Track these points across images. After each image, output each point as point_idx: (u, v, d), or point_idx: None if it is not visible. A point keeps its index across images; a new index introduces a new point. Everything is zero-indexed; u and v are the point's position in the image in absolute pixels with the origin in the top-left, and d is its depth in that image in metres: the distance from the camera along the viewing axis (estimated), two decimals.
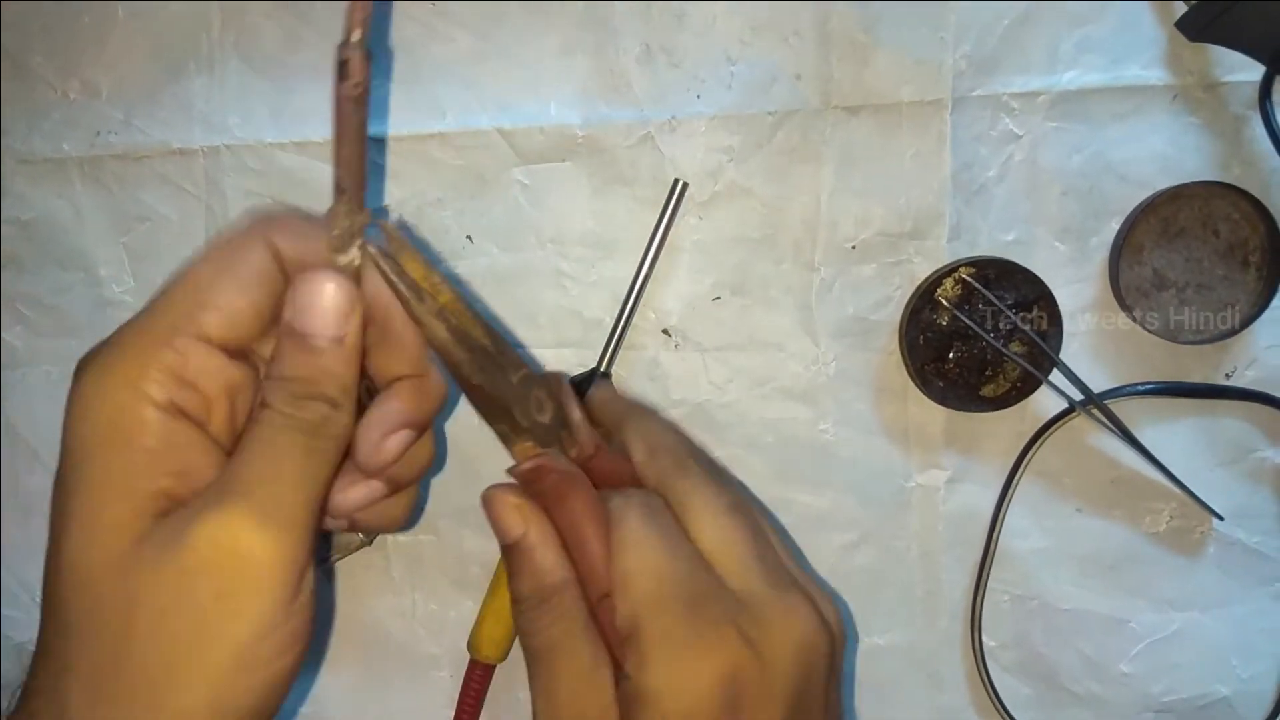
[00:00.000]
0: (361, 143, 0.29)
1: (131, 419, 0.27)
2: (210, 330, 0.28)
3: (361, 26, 0.28)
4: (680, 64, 0.44)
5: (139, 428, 0.27)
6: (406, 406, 0.32)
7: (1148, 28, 0.44)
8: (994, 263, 0.44)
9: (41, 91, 0.47)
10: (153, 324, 0.28)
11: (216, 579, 0.26)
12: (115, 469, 0.27)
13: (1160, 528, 0.46)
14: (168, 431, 0.27)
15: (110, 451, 0.27)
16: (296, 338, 0.28)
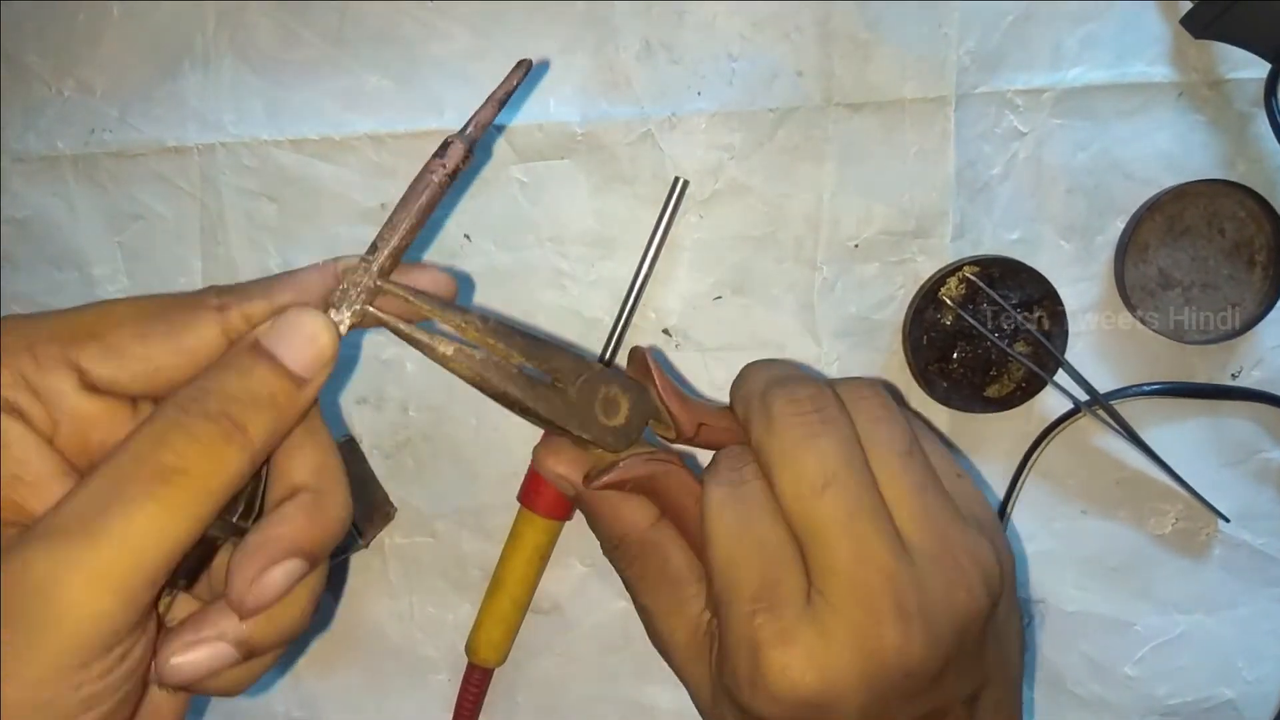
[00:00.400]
0: (421, 221, 0.28)
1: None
2: (86, 364, 0.26)
3: (480, 126, 0.29)
4: (681, 60, 0.44)
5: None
6: (298, 525, 0.26)
7: (1152, 24, 0.43)
8: (998, 261, 0.43)
9: (36, 89, 0.47)
10: (32, 325, 0.26)
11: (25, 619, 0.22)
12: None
13: (1166, 529, 0.46)
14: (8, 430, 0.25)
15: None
16: (252, 355, 0.25)
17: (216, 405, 0.24)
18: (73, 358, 0.26)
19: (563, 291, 0.46)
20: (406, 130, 0.45)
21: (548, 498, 0.44)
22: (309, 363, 0.26)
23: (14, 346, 0.25)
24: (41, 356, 0.25)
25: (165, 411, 0.24)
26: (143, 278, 0.47)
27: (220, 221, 0.46)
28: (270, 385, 0.25)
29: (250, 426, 0.25)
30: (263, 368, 0.25)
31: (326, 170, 0.45)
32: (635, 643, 0.48)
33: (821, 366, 0.45)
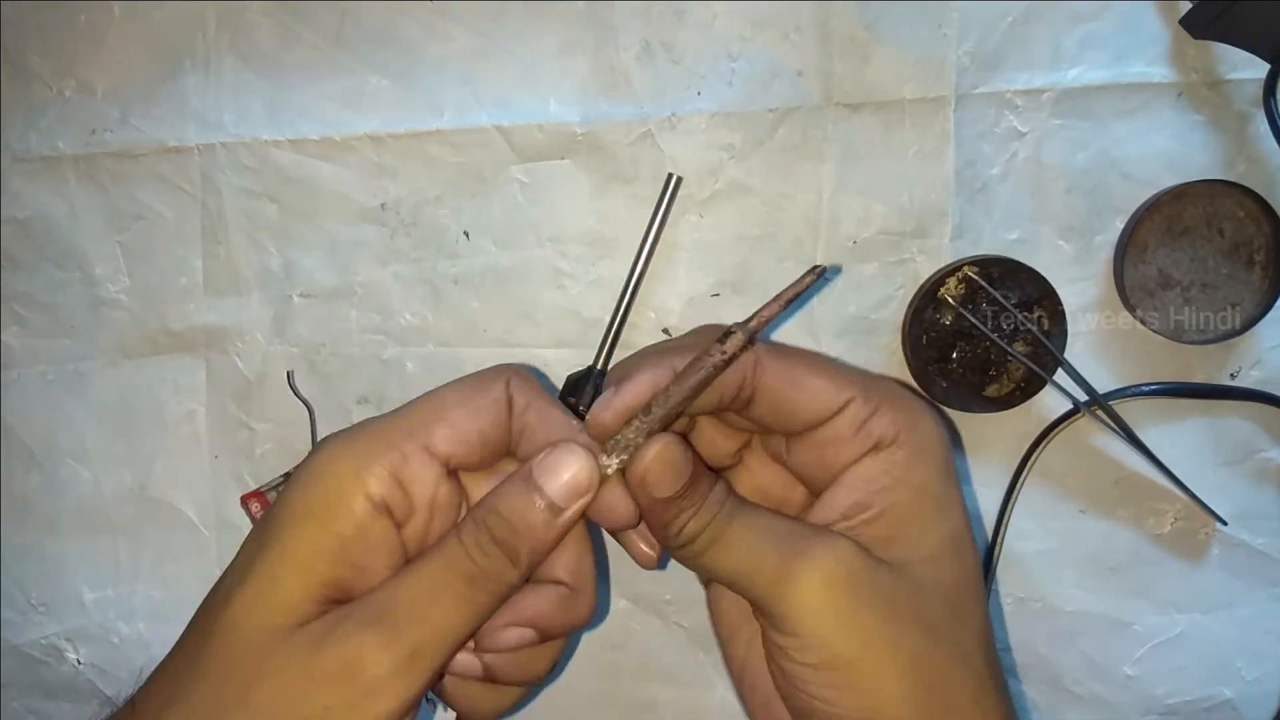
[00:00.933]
0: (692, 398, 0.30)
1: (342, 502, 0.29)
2: (437, 443, 0.30)
3: (762, 322, 0.31)
4: (680, 61, 0.44)
5: (344, 513, 0.29)
6: (544, 609, 0.32)
7: (1151, 25, 0.43)
8: (998, 261, 0.43)
9: (37, 90, 0.47)
10: (391, 424, 0.31)
11: (331, 693, 0.27)
12: (305, 542, 0.29)
13: (1164, 529, 0.46)
14: (367, 524, 0.29)
15: (309, 525, 0.29)
16: (525, 485, 0.30)
17: (500, 530, 0.30)
18: (431, 443, 0.30)
19: (562, 291, 0.46)
20: (407, 130, 0.45)
21: None
22: (567, 495, 0.30)
23: (384, 445, 0.30)
24: (407, 448, 0.30)
25: (467, 524, 0.30)
26: (143, 278, 0.47)
27: (221, 221, 0.46)
28: (535, 520, 0.30)
29: (522, 551, 0.30)
30: (531, 503, 0.30)
31: (327, 170, 0.46)
32: (636, 641, 0.48)
33: None
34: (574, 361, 0.46)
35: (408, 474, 0.30)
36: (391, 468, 0.30)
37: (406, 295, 0.46)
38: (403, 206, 0.46)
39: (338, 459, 0.30)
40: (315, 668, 0.27)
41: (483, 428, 0.31)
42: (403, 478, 0.30)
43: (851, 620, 0.28)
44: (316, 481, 0.30)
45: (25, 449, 0.49)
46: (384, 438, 0.30)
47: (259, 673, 0.28)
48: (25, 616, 0.50)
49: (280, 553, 0.29)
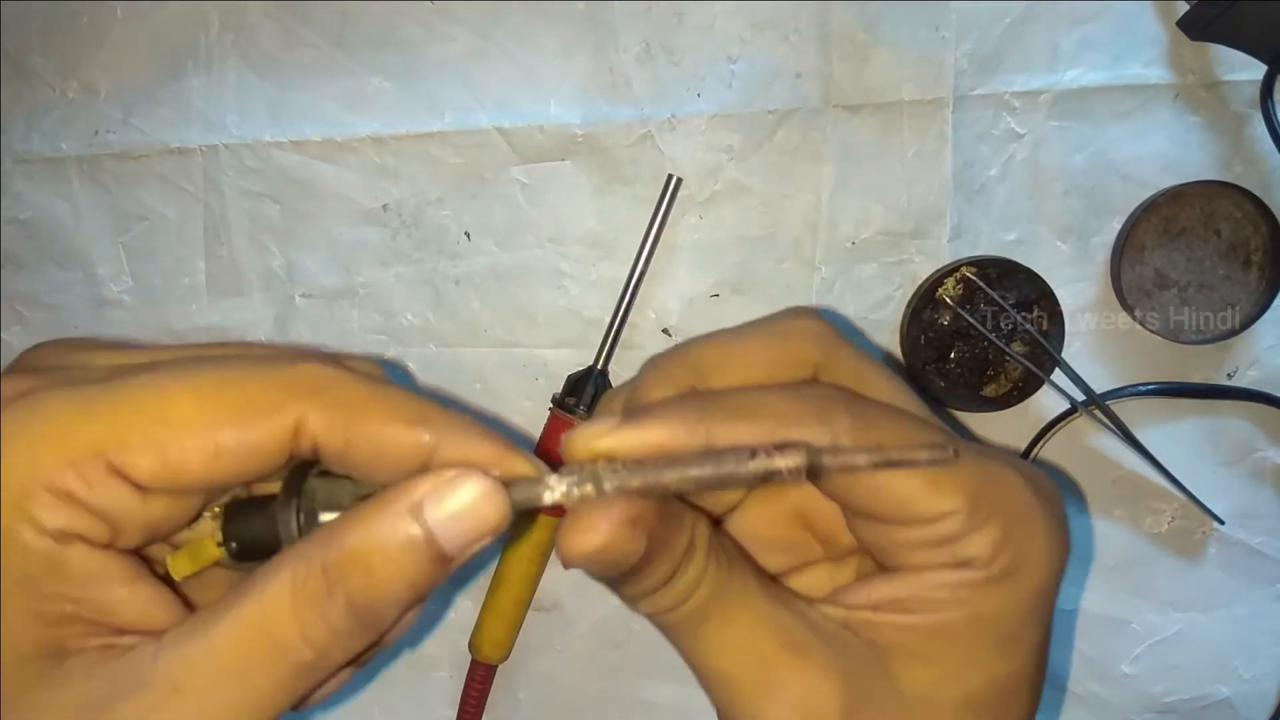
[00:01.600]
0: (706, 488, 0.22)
1: (15, 548, 0.21)
2: (141, 477, 0.22)
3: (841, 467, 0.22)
4: (680, 62, 0.44)
5: (26, 558, 0.21)
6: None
7: (1149, 26, 0.44)
8: (995, 262, 0.43)
9: (40, 90, 0.47)
10: (74, 430, 0.21)
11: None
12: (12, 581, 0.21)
13: (1162, 528, 0.46)
14: (64, 559, 0.21)
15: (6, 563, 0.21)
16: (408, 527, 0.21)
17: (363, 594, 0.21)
18: (122, 469, 0.21)
19: (563, 292, 0.46)
20: (408, 132, 0.45)
21: None
22: (466, 543, 0.21)
23: (47, 462, 0.21)
24: (85, 470, 0.21)
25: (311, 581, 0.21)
26: (146, 278, 0.47)
27: (223, 222, 0.46)
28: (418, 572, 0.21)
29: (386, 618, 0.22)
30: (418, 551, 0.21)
31: (329, 171, 0.46)
32: (636, 639, 0.48)
33: None
34: (574, 362, 0.46)
35: (94, 502, 0.21)
36: (65, 495, 0.21)
37: (408, 296, 0.46)
38: (404, 207, 0.46)
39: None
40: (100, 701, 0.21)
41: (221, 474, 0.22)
42: (85, 502, 0.21)
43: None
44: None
45: None
46: (52, 452, 0.21)
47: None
48: None
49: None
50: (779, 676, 0.23)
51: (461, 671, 0.46)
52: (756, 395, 0.24)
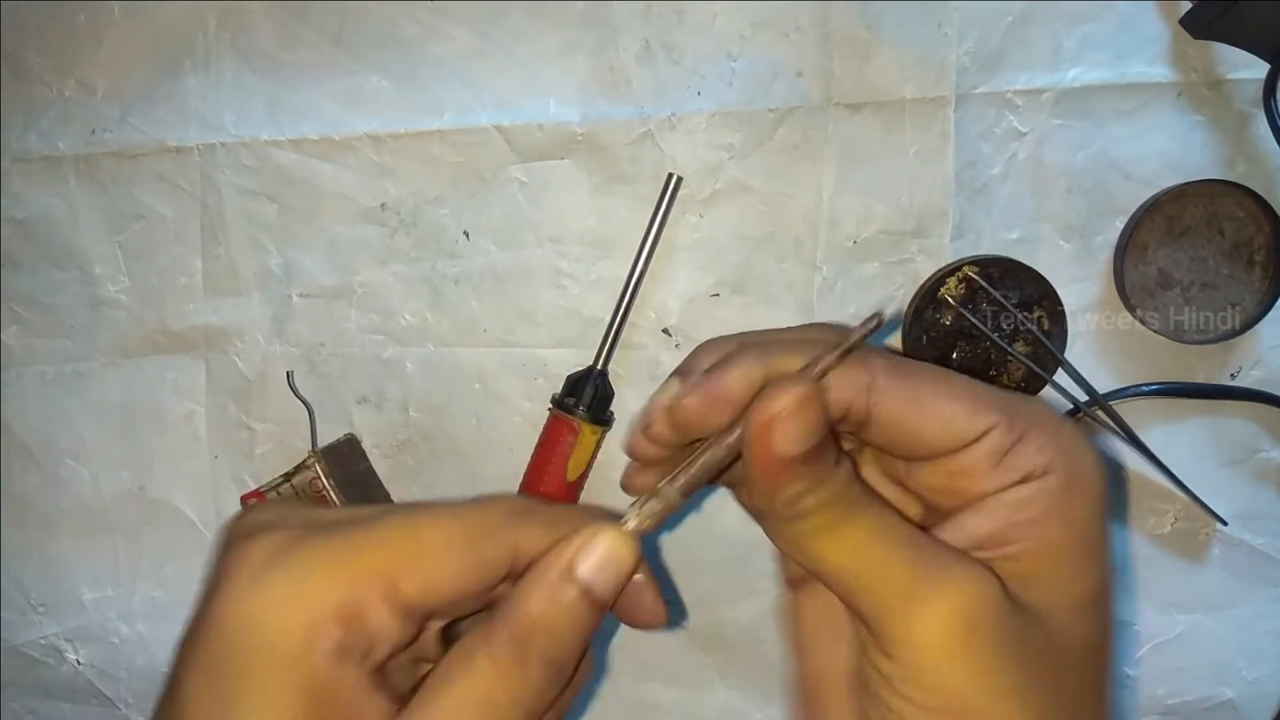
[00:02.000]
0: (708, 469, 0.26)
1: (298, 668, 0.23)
2: (410, 593, 0.24)
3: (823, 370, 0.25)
4: (680, 61, 0.44)
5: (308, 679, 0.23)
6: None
7: (1151, 25, 0.43)
8: (998, 261, 0.43)
9: (37, 90, 0.47)
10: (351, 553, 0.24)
11: None
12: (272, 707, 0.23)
13: (1165, 529, 0.46)
14: (336, 679, 0.23)
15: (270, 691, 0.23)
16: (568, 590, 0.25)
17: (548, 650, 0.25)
18: (398, 590, 0.24)
19: (562, 291, 0.46)
20: (407, 130, 0.45)
21: (547, 495, 0.44)
22: (614, 589, 0.26)
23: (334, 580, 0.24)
24: (363, 591, 0.24)
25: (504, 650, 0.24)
26: (143, 278, 0.47)
27: (221, 221, 0.46)
28: (585, 623, 0.25)
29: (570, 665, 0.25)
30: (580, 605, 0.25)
31: (327, 170, 0.46)
32: (636, 640, 0.48)
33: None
34: (574, 361, 0.45)
35: (363, 620, 0.24)
36: (343, 612, 0.23)
37: (406, 295, 0.46)
38: (403, 206, 0.46)
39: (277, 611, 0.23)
40: None
41: (466, 593, 0.25)
42: (357, 622, 0.24)
43: (984, 666, 0.24)
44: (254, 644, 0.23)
45: (25, 449, 0.49)
46: (339, 559, 0.24)
47: None
48: (25, 617, 0.50)
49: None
50: (935, 565, 0.24)
51: None
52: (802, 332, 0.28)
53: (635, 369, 0.46)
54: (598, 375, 0.44)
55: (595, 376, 0.44)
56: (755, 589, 0.47)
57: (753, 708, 0.47)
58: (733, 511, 0.46)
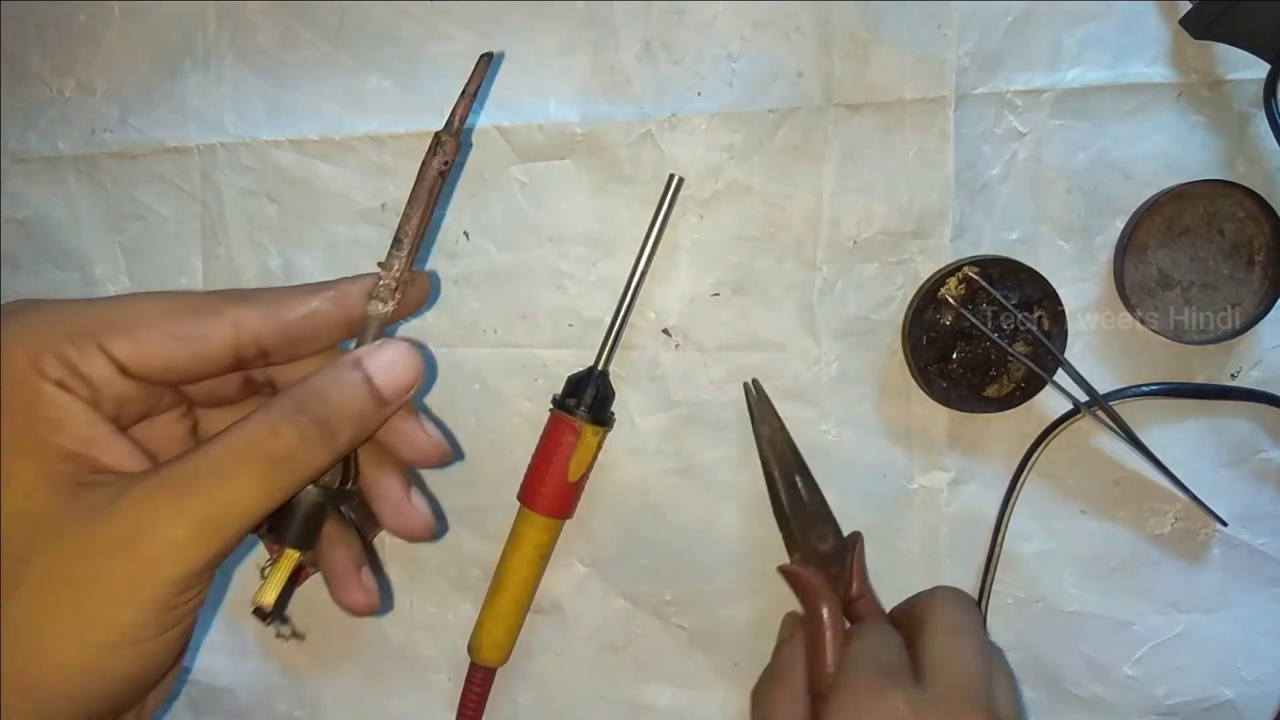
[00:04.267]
0: (430, 210, 0.33)
1: (27, 388, 0.28)
2: (118, 355, 0.29)
3: (461, 120, 0.34)
4: (680, 61, 0.44)
5: (34, 396, 0.28)
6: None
7: (1151, 25, 0.44)
8: (998, 262, 0.43)
9: (37, 89, 0.47)
10: (70, 317, 0.29)
11: (126, 552, 0.27)
12: (18, 428, 0.28)
13: (1165, 529, 0.46)
14: (62, 402, 0.28)
15: (13, 414, 0.28)
16: (353, 369, 0.30)
17: (321, 411, 0.30)
18: (106, 347, 0.29)
19: (562, 291, 0.46)
20: (407, 131, 0.45)
21: (548, 496, 0.44)
22: (397, 389, 0.31)
23: (57, 338, 0.29)
24: (82, 345, 0.29)
25: (281, 405, 0.29)
26: (143, 278, 0.47)
27: (221, 221, 0.46)
28: (363, 404, 0.30)
29: (342, 434, 0.30)
30: (361, 388, 0.30)
31: (327, 170, 0.46)
32: (635, 642, 0.48)
33: (821, 367, 0.45)
34: (574, 362, 0.45)
35: (84, 368, 0.29)
36: (62, 357, 0.29)
37: None
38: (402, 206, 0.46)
39: (10, 347, 0.29)
40: (102, 533, 0.27)
41: (178, 359, 0.30)
42: (79, 370, 0.29)
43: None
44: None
45: None
46: (56, 326, 0.29)
47: (24, 553, 0.27)
48: None
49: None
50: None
51: (461, 674, 0.46)
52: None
53: (635, 369, 0.46)
54: (598, 376, 0.44)
55: (596, 377, 0.44)
56: (755, 589, 0.47)
57: None
58: (732, 512, 0.46)
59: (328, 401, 0.30)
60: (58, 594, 0.27)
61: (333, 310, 0.33)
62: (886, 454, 0.46)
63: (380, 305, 0.33)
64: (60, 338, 0.29)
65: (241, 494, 0.28)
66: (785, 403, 0.45)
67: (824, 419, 0.45)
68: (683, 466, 0.46)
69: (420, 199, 0.33)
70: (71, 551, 0.27)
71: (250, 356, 0.31)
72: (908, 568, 0.46)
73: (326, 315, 0.33)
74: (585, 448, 0.43)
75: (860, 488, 0.46)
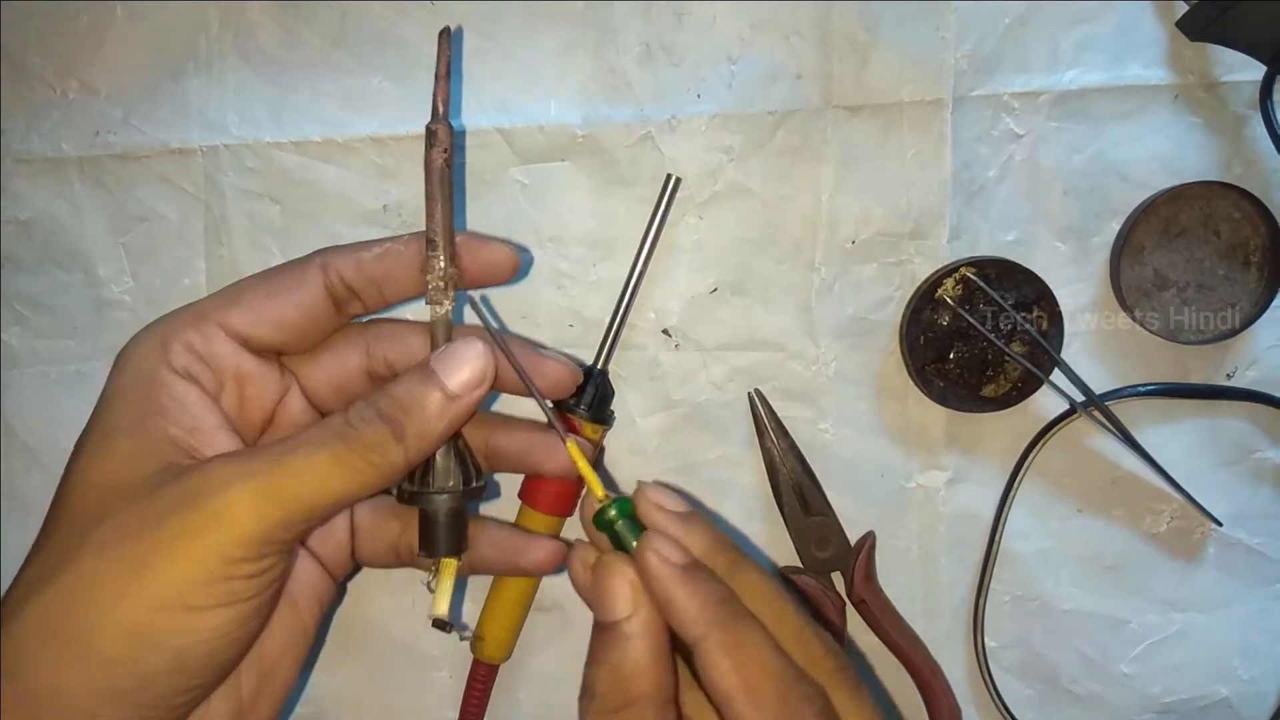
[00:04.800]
0: (450, 201, 0.34)
1: (151, 377, 0.32)
2: (235, 324, 0.34)
3: (444, 104, 0.33)
4: (680, 63, 0.44)
5: (157, 384, 0.32)
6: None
7: (1148, 27, 0.44)
8: (995, 263, 0.43)
9: (40, 91, 0.47)
10: (192, 309, 0.34)
11: (192, 513, 0.29)
12: (132, 411, 0.32)
13: (1161, 528, 0.46)
14: (181, 391, 0.32)
15: (131, 398, 0.32)
16: (421, 373, 0.32)
17: (389, 408, 0.31)
18: (225, 322, 0.34)
19: (563, 292, 0.46)
20: (408, 132, 0.45)
21: (549, 494, 0.44)
22: (465, 385, 0.32)
23: (181, 326, 0.33)
24: (203, 328, 0.33)
25: (357, 404, 0.32)
26: (147, 279, 0.47)
27: (224, 223, 0.46)
28: (429, 400, 0.32)
29: (410, 429, 0.31)
30: (423, 385, 0.32)
31: (329, 172, 0.46)
32: None
33: (819, 367, 0.46)
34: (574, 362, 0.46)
35: (206, 350, 0.33)
36: (190, 346, 0.33)
37: None
38: (404, 208, 0.46)
39: (137, 345, 0.33)
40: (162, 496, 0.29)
41: (285, 313, 0.35)
42: (202, 352, 0.33)
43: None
44: (127, 361, 0.33)
45: (27, 449, 0.49)
46: (182, 320, 0.33)
47: (100, 515, 0.29)
48: None
49: (109, 420, 0.32)
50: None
51: (463, 672, 0.46)
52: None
53: (635, 369, 0.46)
54: (598, 375, 0.44)
55: (596, 376, 0.44)
56: None
57: None
58: (732, 512, 0.47)
59: (396, 399, 0.32)
60: (120, 548, 0.29)
61: (404, 250, 0.36)
62: (884, 453, 0.46)
63: (437, 307, 0.34)
64: (185, 325, 0.33)
65: (309, 468, 0.30)
66: (784, 402, 0.46)
67: (822, 419, 0.46)
68: (682, 466, 0.46)
69: (435, 194, 0.34)
70: (141, 509, 0.29)
71: (343, 297, 0.35)
72: (905, 567, 0.46)
73: (399, 255, 0.36)
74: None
75: (858, 487, 0.46)
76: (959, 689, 0.47)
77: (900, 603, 0.46)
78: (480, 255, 0.37)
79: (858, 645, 0.47)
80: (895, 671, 0.47)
